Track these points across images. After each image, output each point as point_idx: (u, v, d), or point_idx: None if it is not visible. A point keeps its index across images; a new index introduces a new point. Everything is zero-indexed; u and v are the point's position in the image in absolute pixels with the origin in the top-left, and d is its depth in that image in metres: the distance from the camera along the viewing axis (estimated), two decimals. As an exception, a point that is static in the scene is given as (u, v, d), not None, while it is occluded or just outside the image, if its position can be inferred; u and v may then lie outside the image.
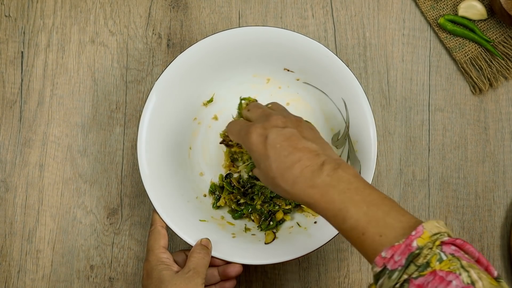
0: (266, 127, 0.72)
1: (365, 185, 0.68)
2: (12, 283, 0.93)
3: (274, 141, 0.71)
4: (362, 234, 0.66)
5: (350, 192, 0.67)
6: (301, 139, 0.71)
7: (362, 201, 0.67)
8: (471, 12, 0.94)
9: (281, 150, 0.70)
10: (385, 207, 0.66)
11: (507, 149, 0.95)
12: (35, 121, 0.95)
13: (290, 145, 0.70)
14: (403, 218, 0.65)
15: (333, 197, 0.67)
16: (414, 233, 0.63)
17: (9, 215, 0.94)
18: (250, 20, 0.97)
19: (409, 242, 0.62)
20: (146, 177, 0.85)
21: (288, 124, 0.73)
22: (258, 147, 0.72)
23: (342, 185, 0.68)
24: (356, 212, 0.66)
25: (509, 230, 0.93)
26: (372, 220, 0.65)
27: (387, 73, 0.96)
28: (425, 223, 0.63)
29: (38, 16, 0.97)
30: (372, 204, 0.66)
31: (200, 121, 0.92)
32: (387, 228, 0.65)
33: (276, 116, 0.74)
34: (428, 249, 0.62)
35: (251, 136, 0.72)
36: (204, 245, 0.82)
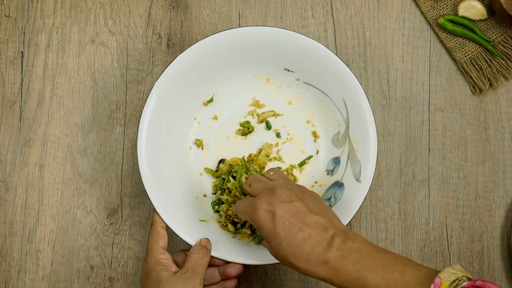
0: (273, 202, 0.72)
1: (376, 250, 0.69)
2: (12, 283, 0.93)
3: (282, 218, 0.71)
4: None
5: (363, 260, 0.68)
6: (308, 213, 0.72)
7: (376, 266, 0.67)
8: (471, 12, 0.94)
9: (290, 227, 0.71)
10: (400, 267, 0.67)
11: (507, 149, 0.95)
12: (35, 121, 0.95)
13: (299, 221, 0.71)
14: (419, 274, 0.66)
15: (348, 269, 0.68)
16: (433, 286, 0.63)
17: (9, 215, 0.94)
18: (250, 20, 0.97)
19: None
20: (146, 177, 0.85)
21: (293, 198, 0.73)
22: (267, 225, 0.72)
23: (354, 255, 0.69)
24: (374, 278, 0.67)
25: (509, 230, 0.93)
26: (390, 282, 0.66)
27: (387, 73, 0.96)
28: (441, 273, 0.64)
29: (38, 16, 0.97)
30: (386, 267, 0.67)
31: (200, 121, 0.92)
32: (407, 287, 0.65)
33: (281, 189, 0.74)
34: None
35: (259, 213, 0.72)
36: (203, 245, 0.82)
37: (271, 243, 0.72)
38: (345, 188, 0.87)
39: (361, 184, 0.85)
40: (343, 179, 0.88)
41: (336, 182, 0.88)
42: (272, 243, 0.72)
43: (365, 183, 0.85)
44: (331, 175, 0.89)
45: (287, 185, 0.75)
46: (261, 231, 0.73)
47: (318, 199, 0.75)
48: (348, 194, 0.86)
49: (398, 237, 0.93)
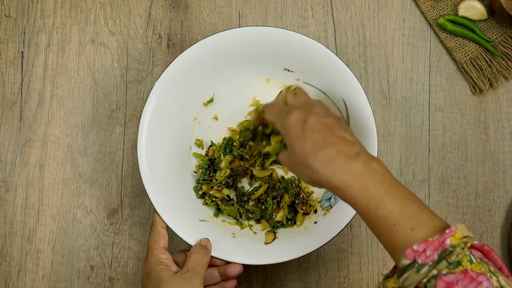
0: (308, 112, 0.73)
1: (398, 182, 0.69)
2: (12, 283, 0.93)
3: (313, 124, 0.71)
4: (393, 225, 0.66)
5: (385, 184, 0.68)
6: (339, 128, 0.72)
7: (397, 194, 0.67)
8: (471, 12, 0.94)
9: (318, 133, 0.71)
10: (418, 205, 0.67)
11: (507, 149, 0.95)
12: (35, 121, 0.96)
13: (328, 131, 0.71)
14: (434, 218, 0.66)
15: (369, 185, 0.67)
16: (448, 232, 0.63)
17: (9, 215, 0.94)
18: (250, 20, 0.97)
19: (443, 239, 0.63)
20: (146, 177, 0.85)
21: (329, 115, 0.74)
22: (296, 128, 0.72)
23: (377, 176, 0.68)
24: (391, 203, 0.66)
25: (509, 230, 0.93)
26: (405, 213, 0.66)
27: (387, 73, 0.96)
28: (457, 225, 0.64)
29: (38, 16, 0.97)
30: (406, 199, 0.67)
31: (200, 121, 0.92)
32: (420, 223, 0.65)
33: (319, 106, 0.75)
34: (461, 248, 0.63)
35: (291, 117, 0.72)
36: (203, 245, 0.82)
37: (294, 145, 0.71)
38: (345, 188, 0.87)
39: (361, 184, 0.85)
40: (343, 179, 0.88)
41: (336, 182, 0.88)
42: (295, 145, 0.71)
43: (365, 183, 0.85)
44: (331, 175, 0.89)
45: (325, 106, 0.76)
46: (287, 134, 0.73)
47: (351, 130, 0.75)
48: (348, 194, 0.86)
49: (398, 237, 0.93)
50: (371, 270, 0.93)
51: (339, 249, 0.93)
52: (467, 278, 0.61)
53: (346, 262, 0.93)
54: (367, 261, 0.93)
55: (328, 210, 0.87)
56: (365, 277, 0.93)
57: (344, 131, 0.72)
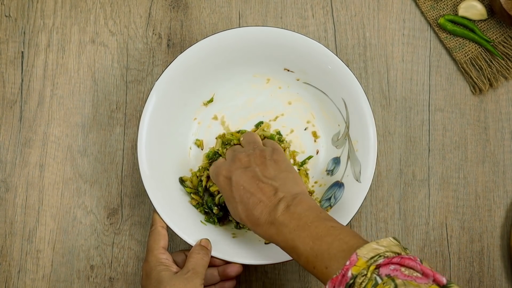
0: (231, 169, 0.79)
1: (313, 218, 0.72)
2: (12, 283, 0.93)
3: (237, 183, 0.78)
4: (313, 268, 0.69)
5: (299, 230, 0.71)
6: (262, 178, 0.77)
7: (308, 236, 0.70)
8: (471, 12, 0.94)
9: (244, 193, 0.77)
10: (329, 238, 0.69)
11: (507, 149, 0.95)
12: (35, 121, 0.95)
13: (252, 186, 0.77)
14: (345, 246, 0.67)
15: (286, 236, 0.72)
16: (348, 263, 0.64)
17: (9, 215, 0.94)
18: (250, 20, 0.97)
19: (345, 272, 0.64)
20: (146, 177, 0.85)
21: (251, 163, 0.79)
22: (226, 189, 0.80)
23: (293, 222, 0.72)
24: (304, 248, 0.70)
25: (509, 230, 0.93)
26: (318, 254, 0.69)
27: (387, 73, 0.96)
28: (359, 250, 0.65)
29: (38, 16, 0.97)
30: (317, 238, 0.70)
31: (200, 121, 0.92)
32: (331, 260, 0.67)
33: (240, 155, 0.81)
34: (362, 276, 0.63)
35: (219, 179, 0.81)
36: (203, 246, 0.82)
37: (230, 206, 0.79)
38: (345, 188, 0.87)
39: (361, 184, 0.85)
40: (343, 179, 0.88)
41: (336, 182, 0.88)
42: (231, 206, 0.79)
43: (365, 183, 0.85)
44: (331, 175, 0.89)
45: (248, 151, 0.82)
46: (223, 194, 0.81)
47: (279, 163, 0.80)
48: (348, 194, 0.86)
49: (398, 237, 0.93)
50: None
51: (339, 249, 0.93)
52: None
53: (346, 262, 0.93)
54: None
55: (328, 210, 0.87)
56: (365, 277, 0.93)
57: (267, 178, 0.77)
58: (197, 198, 0.88)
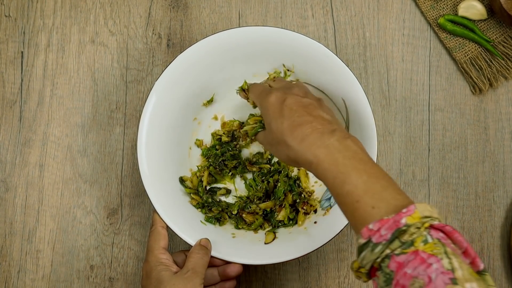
0: (287, 93, 0.75)
1: (369, 159, 0.69)
2: (12, 283, 0.93)
3: (291, 104, 0.74)
4: (356, 201, 0.66)
5: (355, 160, 0.68)
6: (317, 108, 0.74)
7: (364, 170, 0.67)
8: (471, 12, 0.94)
9: (296, 112, 0.73)
10: (384, 182, 0.67)
11: (507, 149, 0.95)
12: (35, 121, 0.95)
13: (305, 111, 0.73)
14: (399, 197, 0.65)
15: (337, 160, 0.68)
16: (405, 211, 0.63)
17: (9, 215, 0.94)
18: (250, 20, 0.97)
19: (398, 218, 0.62)
20: (146, 177, 0.85)
21: (308, 96, 0.77)
22: (274, 107, 0.74)
23: (348, 152, 0.69)
24: (356, 178, 0.67)
25: (509, 230, 0.93)
26: (369, 190, 0.66)
27: (387, 73, 0.96)
28: (418, 204, 0.64)
29: (38, 16, 0.97)
30: (373, 176, 0.67)
31: (200, 121, 0.92)
32: (382, 201, 0.65)
33: (299, 88, 0.78)
34: (416, 228, 0.62)
35: (270, 97, 0.75)
36: (203, 245, 0.82)
37: (271, 124, 0.74)
38: (345, 188, 0.87)
39: (361, 184, 0.85)
40: (343, 179, 0.87)
41: (336, 182, 0.88)
42: (273, 124, 0.74)
43: (365, 183, 0.85)
44: (331, 175, 0.89)
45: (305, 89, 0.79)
46: (266, 113, 0.75)
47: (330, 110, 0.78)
48: (348, 194, 0.86)
49: (398, 237, 0.93)
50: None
51: (339, 249, 0.93)
52: (417, 260, 0.60)
53: (346, 262, 0.93)
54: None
55: (328, 210, 0.87)
56: (365, 277, 0.93)
57: (322, 110, 0.74)
58: (197, 198, 0.88)
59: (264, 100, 0.76)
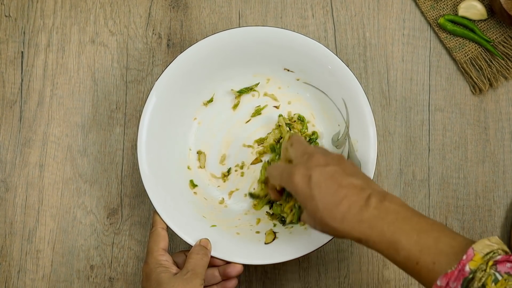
0: (309, 167, 0.72)
1: (412, 213, 0.68)
2: (12, 283, 0.93)
3: (318, 180, 0.71)
4: (416, 263, 0.66)
5: (399, 222, 0.67)
6: (344, 175, 0.71)
7: (411, 230, 0.67)
8: (471, 12, 0.94)
9: (326, 189, 0.70)
10: (435, 233, 0.66)
11: (507, 149, 0.95)
12: (35, 121, 0.95)
13: (335, 183, 0.71)
14: (454, 242, 0.65)
15: (383, 229, 0.68)
16: (465, 258, 0.62)
17: (9, 215, 0.94)
18: (250, 20, 0.97)
19: (461, 267, 0.62)
20: (146, 177, 0.85)
21: (329, 162, 0.73)
22: (303, 188, 0.72)
23: (390, 216, 0.68)
24: (408, 242, 0.66)
25: (509, 230, 0.93)
26: (424, 248, 0.65)
27: (387, 73, 0.96)
28: (475, 245, 0.63)
29: (38, 16, 0.97)
30: (422, 232, 0.66)
31: (200, 121, 0.92)
32: (440, 255, 0.65)
33: (318, 154, 0.74)
34: (482, 271, 0.62)
35: (295, 178, 0.72)
36: (203, 246, 0.82)
37: (308, 207, 0.72)
38: (345, 188, 0.87)
39: (361, 184, 0.85)
40: (343, 179, 0.87)
41: (336, 182, 0.88)
42: (309, 206, 0.72)
43: (365, 183, 0.85)
44: (331, 175, 0.89)
45: (323, 151, 0.76)
46: (297, 195, 0.73)
47: (354, 165, 0.75)
48: (348, 194, 0.86)
49: (398, 237, 0.93)
50: (371, 270, 0.93)
51: (339, 249, 0.93)
52: None
53: (346, 262, 0.93)
54: (367, 261, 0.93)
55: (328, 210, 0.87)
56: (365, 277, 0.93)
57: (349, 175, 0.72)
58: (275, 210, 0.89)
59: (290, 183, 0.73)
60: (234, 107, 0.92)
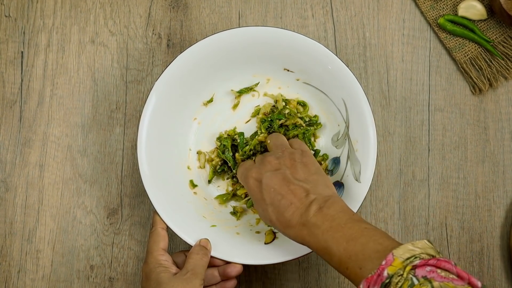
0: (261, 171, 0.79)
1: (347, 220, 0.72)
2: (12, 283, 0.93)
3: (268, 186, 0.77)
4: (346, 268, 0.69)
5: (332, 230, 0.71)
6: (292, 180, 0.77)
7: (342, 237, 0.70)
8: (471, 12, 0.94)
9: (275, 195, 0.76)
10: (363, 239, 0.69)
11: (507, 149, 0.95)
12: (35, 121, 0.96)
13: (283, 188, 0.76)
14: (380, 248, 0.67)
15: (318, 237, 0.72)
16: (384, 263, 0.64)
17: (9, 215, 0.94)
18: (250, 20, 0.97)
19: (380, 272, 0.64)
20: (146, 177, 0.85)
21: (281, 166, 0.79)
22: (255, 192, 0.79)
23: (325, 224, 0.72)
24: (338, 249, 0.70)
25: (509, 230, 0.93)
26: (352, 254, 0.68)
27: (387, 73, 0.96)
28: (395, 250, 0.65)
29: (38, 16, 0.97)
30: (351, 239, 0.69)
31: (200, 121, 0.92)
32: (366, 260, 0.67)
33: (270, 157, 0.80)
34: (398, 276, 0.63)
35: (249, 181, 0.80)
36: (202, 246, 0.82)
37: (259, 209, 0.79)
38: (345, 188, 0.87)
39: (361, 184, 0.85)
40: (343, 179, 0.88)
41: (336, 182, 0.88)
42: (260, 209, 0.78)
43: (365, 183, 0.85)
44: (331, 175, 0.89)
45: (277, 153, 0.81)
46: (251, 197, 0.80)
47: (309, 165, 0.80)
48: (348, 194, 0.86)
49: (398, 237, 0.93)
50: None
51: (339, 249, 0.93)
52: None
53: (346, 262, 0.93)
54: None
55: (328, 210, 0.87)
56: (365, 277, 0.93)
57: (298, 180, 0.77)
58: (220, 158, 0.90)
59: (245, 185, 0.81)
60: (234, 107, 0.92)
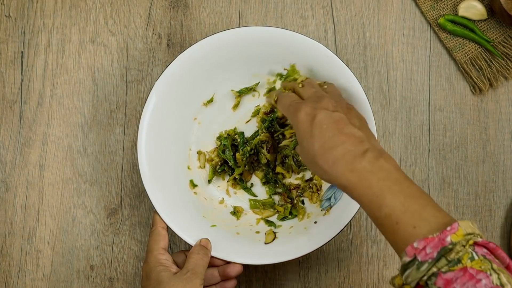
0: (316, 107, 0.74)
1: (405, 178, 0.69)
2: (12, 283, 0.93)
3: (321, 121, 0.72)
4: (396, 223, 0.66)
5: (389, 181, 0.68)
6: (348, 124, 0.72)
7: (400, 191, 0.67)
8: (471, 12, 0.94)
9: (326, 131, 0.71)
10: (422, 201, 0.67)
11: (507, 149, 0.95)
12: (35, 121, 0.96)
13: (336, 128, 0.72)
14: (439, 214, 0.66)
15: (372, 183, 0.68)
16: (449, 229, 0.63)
17: (9, 215, 0.94)
18: (250, 20, 0.97)
19: (443, 237, 0.63)
20: (146, 177, 0.85)
21: (338, 109, 0.74)
22: (304, 125, 0.73)
23: (382, 173, 0.68)
24: (393, 200, 0.67)
25: (509, 230, 0.93)
26: (407, 211, 0.66)
27: (387, 73, 0.96)
28: (460, 222, 0.64)
29: (38, 16, 0.97)
30: (409, 196, 0.67)
31: (200, 121, 0.92)
32: (422, 220, 0.65)
33: (328, 99, 0.75)
34: (461, 246, 0.63)
35: (300, 114, 0.74)
36: (203, 246, 0.82)
37: (303, 143, 0.73)
38: (345, 188, 0.87)
39: (361, 184, 0.85)
40: (343, 179, 0.87)
41: (336, 182, 0.88)
42: (305, 143, 0.73)
43: (365, 183, 0.85)
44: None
45: (336, 98, 0.77)
46: (297, 130, 0.74)
47: (362, 119, 0.76)
48: (348, 194, 0.86)
49: (398, 237, 0.93)
50: (371, 270, 0.93)
51: (339, 249, 0.93)
52: (466, 276, 0.61)
53: (346, 262, 0.93)
54: (367, 261, 0.93)
55: (328, 210, 0.87)
56: (365, 277, 0.93)
57: (353, 126, 0.73)
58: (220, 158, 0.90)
59: (294, 117, 0.75)
60: (234, 107, 0.92)
